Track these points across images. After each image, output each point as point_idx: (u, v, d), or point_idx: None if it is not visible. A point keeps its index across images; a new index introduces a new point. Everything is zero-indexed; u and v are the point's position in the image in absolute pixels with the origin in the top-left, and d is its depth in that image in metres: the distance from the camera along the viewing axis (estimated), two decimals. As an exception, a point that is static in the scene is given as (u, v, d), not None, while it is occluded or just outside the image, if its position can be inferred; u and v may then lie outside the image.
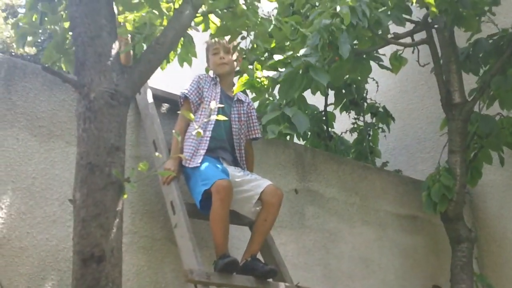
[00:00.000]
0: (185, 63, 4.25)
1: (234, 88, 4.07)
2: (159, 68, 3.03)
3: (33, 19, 3.53)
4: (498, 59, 4.91)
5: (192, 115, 2.94)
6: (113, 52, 2.80)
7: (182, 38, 3.89)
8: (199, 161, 3.47)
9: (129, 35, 3.57)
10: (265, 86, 4.55)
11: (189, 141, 3.55)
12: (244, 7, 3.43)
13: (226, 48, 3.79)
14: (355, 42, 4.72)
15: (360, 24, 4.23)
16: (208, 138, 3.56)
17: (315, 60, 4.23)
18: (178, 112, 3.50)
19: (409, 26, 5.19)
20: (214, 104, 3.02)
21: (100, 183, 2.53)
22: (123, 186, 2.58)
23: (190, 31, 3.90)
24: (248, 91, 4.64)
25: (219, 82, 3.78)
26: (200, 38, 3.99)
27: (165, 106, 3.96)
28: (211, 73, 3.96)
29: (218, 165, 3.53)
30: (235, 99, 3.84)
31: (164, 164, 3.44)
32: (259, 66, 4.20)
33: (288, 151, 4.53)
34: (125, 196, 2.58)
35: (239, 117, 3.80)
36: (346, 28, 4.21)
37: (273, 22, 3.78)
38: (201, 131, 3.07)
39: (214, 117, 3.03)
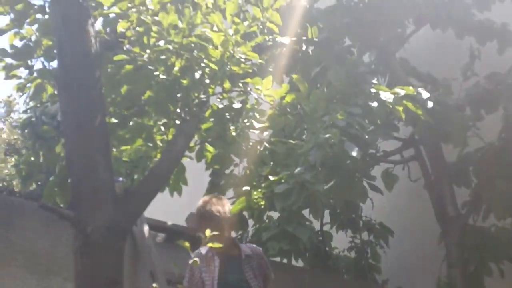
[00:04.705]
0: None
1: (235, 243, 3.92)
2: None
3: (31, 159, 3.63)
4: (488, 172, 4.98)
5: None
6: (109, 186, 2.86)
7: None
8: None
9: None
10: (262, 206, 4.57)
11: None
12: (234, 134, 3.54)
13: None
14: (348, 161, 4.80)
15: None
16: None
17: (310, 176, 4.27)
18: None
19: (397, 144, 5.32)
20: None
21: (99, 319, 2.52)
22: (122, 320, 2.56)
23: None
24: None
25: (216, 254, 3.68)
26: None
27: (161, 236, 3.98)
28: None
29: None
30: (243, 257, 3.75)
31: None
32: (253, 191, 4.26)
33: (287, 275, 4.50)
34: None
35: (253, 274, 3.63)
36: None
37: (265, 144, 3.86)
38: None
39: None
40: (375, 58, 5.36)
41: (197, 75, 3.26)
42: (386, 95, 4.25)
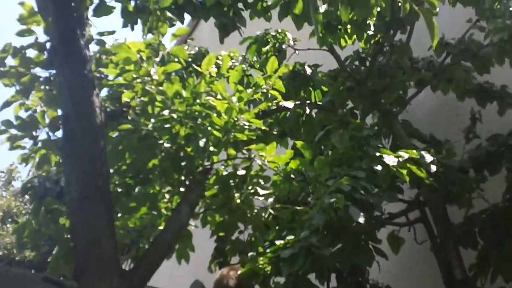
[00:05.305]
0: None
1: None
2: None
3: (34, 225, 3.60)
4: (494, 233, 4.94)
5: None
6: (113, 256, 2.84)
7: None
8: None
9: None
10: (268, 272, 4.52)
11: None
12: (239, 201, 3.54)
13: None
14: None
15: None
16: None
17: (316, 240, 4.23)
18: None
19: (402, 206, 5.29)
20: None
21: None
22: None
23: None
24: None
25: None
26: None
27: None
28: None
29: None
30: None
31: None
32: (259, 258, 4.22)
33: None
34: None
35: None
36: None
37: (269, 210, 3.85)
38: None
39: None
40: (378, 120, 5.40)
41: (202, 142, 3.28)
42: (390, 159, 4.26)
